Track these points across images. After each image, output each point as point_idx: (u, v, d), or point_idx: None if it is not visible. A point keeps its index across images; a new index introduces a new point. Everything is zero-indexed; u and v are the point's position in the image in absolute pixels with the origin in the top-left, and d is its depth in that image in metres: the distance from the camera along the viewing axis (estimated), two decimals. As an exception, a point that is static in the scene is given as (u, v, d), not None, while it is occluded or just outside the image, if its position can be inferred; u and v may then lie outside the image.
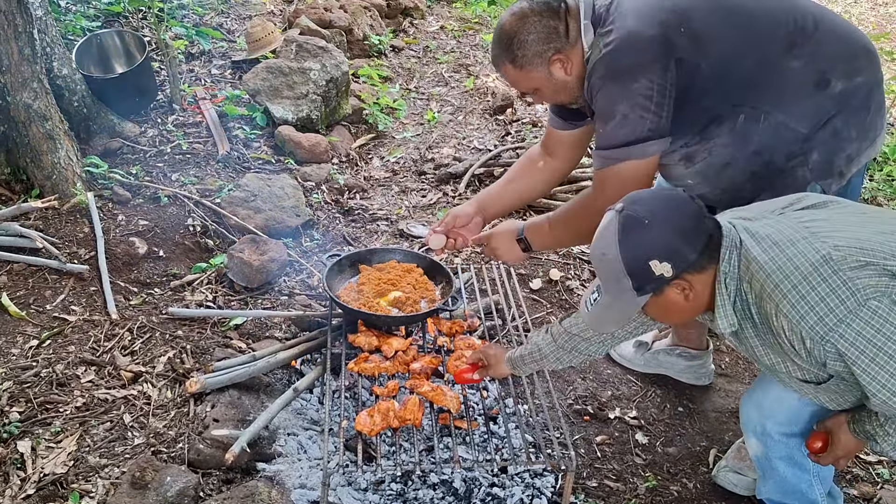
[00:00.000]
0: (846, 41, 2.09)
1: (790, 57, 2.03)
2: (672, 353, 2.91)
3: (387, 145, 4.73)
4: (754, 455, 2.14)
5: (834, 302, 1.52)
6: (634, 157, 2.06)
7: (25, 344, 2.74)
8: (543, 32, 2.11)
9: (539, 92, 2.25)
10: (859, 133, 2.07)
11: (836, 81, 2.03)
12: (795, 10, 2.07)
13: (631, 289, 1.68)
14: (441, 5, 7.46)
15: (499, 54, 2.20)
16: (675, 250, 1.63)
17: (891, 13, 8.67)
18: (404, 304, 2.70)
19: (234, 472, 2.34)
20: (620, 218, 1.67)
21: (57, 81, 3.74)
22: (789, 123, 2.04)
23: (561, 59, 2.13)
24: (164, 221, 3.50)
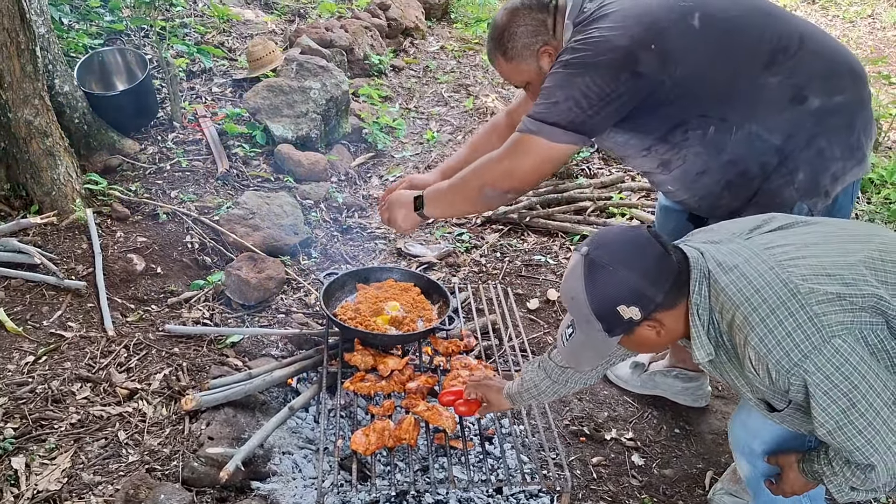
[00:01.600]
0: (829, 60, 2.10)
1: (768, 73, 2.04)
2: (669, 375, 2.91)
3: (386, 164, 4.75)
4: (745, 476, 2.13)
5: (800, 337, 1.54)
6: (544, 135, 2.09)
7: (21, 360, 2.73)
8: (532, 25, 2.19)
9: (531, 85, 2.30)
10: (844, 152, 2.08)
11: (813, 98, 2.04)
12: (784, 27, 2.09)
13: (601, 330, 1.69)
14: (441, 26, 7.52)
15: (491, 48, 2.28)
16: (641, 294, 1.64)
17: (889, 37, 8.73)
18: (401, 324, 2.70)
19: (229, 490, 2.33)
20: (585, 262, 1.68)
21: (58, 98, 3.76)
22: (762, 135, 2.06)
23: (549, 52, 2.20)
24: (162, 238, 3.51)
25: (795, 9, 9.57)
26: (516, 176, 2.19)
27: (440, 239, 3.95)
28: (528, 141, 2.12)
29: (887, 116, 5.37)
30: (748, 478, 2.10)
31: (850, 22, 9.28)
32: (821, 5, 9.86)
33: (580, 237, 3.97)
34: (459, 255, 3.79)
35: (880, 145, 5.31)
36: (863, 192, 4.69)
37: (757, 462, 2.03)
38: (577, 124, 2.06)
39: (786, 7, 9.12)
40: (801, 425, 1.78)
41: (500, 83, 6.19)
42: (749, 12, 2.11)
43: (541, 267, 3.74)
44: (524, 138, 2.14)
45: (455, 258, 3.76)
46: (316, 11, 6.31)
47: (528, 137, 2.12)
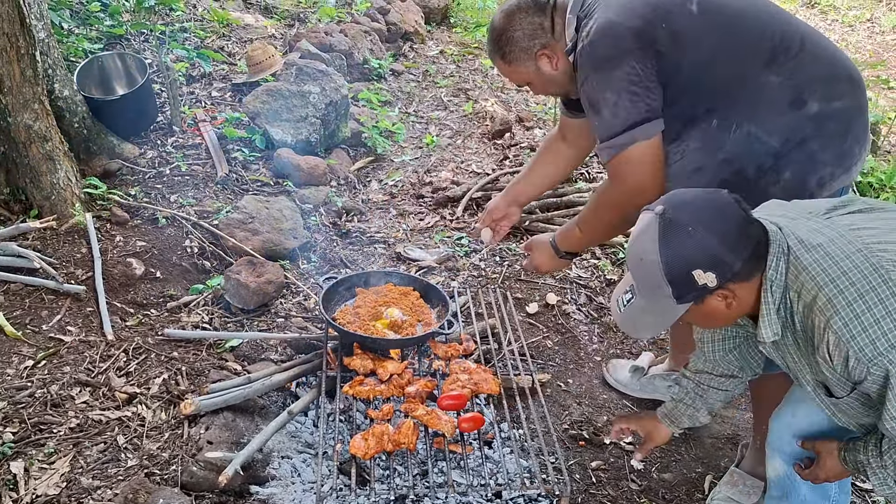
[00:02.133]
0: (829, 65, 2.10)
1: (769, 72, 2.04)
2: (668, 379, 2.91)
3: (385, 168, 4.76)
4: (776, 475, 2.07)
5: (889, 326, 1.48)
6: (639, 138, 2.07)
7: (21, 364, 2.73)
8: (529, 29, 2.21)
9: (531, 85, 2.36)
10: (834, 158, 2.07)
11: (812, 102, 2.04)
12: (786, 27, 2.09)
13: (670, 296, 1.61)
14: (441, 30, 7.53)
15: (491, 50, 2.32)
16: (720, 259, 1.56)
17: (888, 41, 8.74)
18: (400, 328, 2.70)
19: (228, 494, 2.33)
20: (661, 222, 1.60)
21: (58, 103, 3.76)
22: (761, 136, 2.05)
23: (547, 54, 2.23)
24: (161, 243, 3.51)
25: (795, 13, 9.59)
26: (646, 191, 2.12)
27: (439, 243, 3.95)
28: (629, 156, 2.10)
29: (886, 121, 5.38)
30: (780, 477, 2.05)
31: (849, 26, 9.30)
32: (820, 9, 9.88)
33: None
34: (459, 260, 3.79)
35: (879, 149, 5.32)
36: (862, 196, 4.69)
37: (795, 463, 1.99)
38: (652, 108, 2.05)
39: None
40: (853, 415, 1.72)
41: (499, 87, 6.21)
42: (750, 7, 2.12)
43: (540, 271, 3.74)
44: (621, 158, 2.12)
45: (454, 262, 3.76)
46: (315, 16, 6.32)
47: (626, 154, 2.10)
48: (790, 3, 9.89)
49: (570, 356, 3.19)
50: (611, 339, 3.30)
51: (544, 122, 5.47)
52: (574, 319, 3.41)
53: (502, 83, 6.32)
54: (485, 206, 2.81)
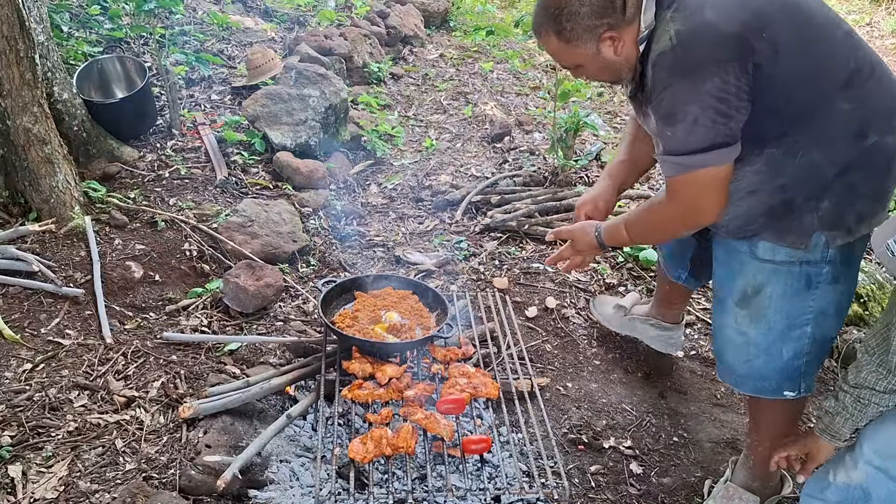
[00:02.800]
0: (893, 96, 1.98)
1: (843, 97, 1.89)
2: (646, 322, 3.11)
3: (384, 172, 4.76)
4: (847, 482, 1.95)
5: None
6: (712, 164, 1.87)
7: (19, 367, 2.73)
8: (599, 6, 1.88)
9: (581, 69, 2.05)
10: (874, 193, 1.97)
11: (872, 135, 1.92)
12: (858, 51, 1.95)
13: None
14: (440, 34, 7.55)
15: (543, 22, 1.96)
16: None
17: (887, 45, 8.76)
18: (399, 331, 2.70)
19: (226, 498, 2.32)
20: None
21: (57, 106, 3.77)
22: (822, 166, 1.92)
23: (613, 36, 1.92)
24: (160, 246, 3.51)
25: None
26: (704, 213, 1.99)
27: (438, 247, 3.95)
28: (698, 177, 1.90)
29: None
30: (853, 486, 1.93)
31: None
32: (819, 14, 9.88)
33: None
34: (458, 263, 3.79)
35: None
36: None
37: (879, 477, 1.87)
38: (733, 134, 1.85)
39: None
40: None
41: (499, 91, 6.21)
42: (830, 23, 1.94)
43: (539, 275, 3.74)
44: (684, 179, 1.93)
45: (453, 266, 3.76)
46: (315, 19, 6.33)
47: (693, 175, 1.90)
48: (789, 7, 9.89)
49: (569, 360, 3.18)
50: (610, 343, 3.30)
51: (543, 126, 5.48)
52: (573, 323, 3.41)
53: (502, 87, 6.33)
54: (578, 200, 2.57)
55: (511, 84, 6.41)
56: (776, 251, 2.03)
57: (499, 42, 7.29)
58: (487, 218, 4.17)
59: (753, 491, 2.44)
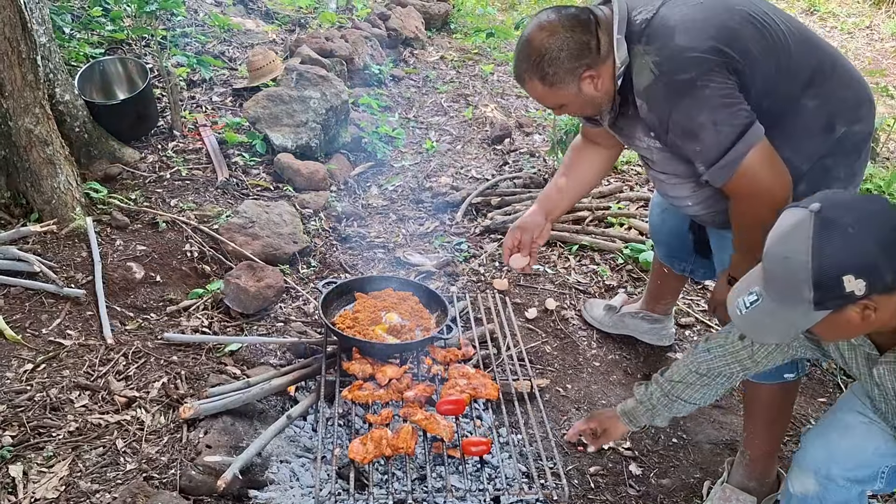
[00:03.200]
0: (855, 89, 2.09)
1: (808, 95, 2.01)
2: (636, 317, 3.23)
3: (385, 173, 4.76)
4: (804, 492, 2.01)
5: None
6: (753, 143, 1.92)
7: (20, 368, 2.73)
8: (575, 49, 2.01)
9: (565, 107, 2.18)
10: (846, 175, 2.09)
11: (839, 127, 2.03)
12: (819, 49, 2.07)
13: (809, 301, 1.49)
14: (441, 36, 7.56)
15: (526, 69, 2.08)
16: (875, 267, 1.44)
17: (887, 48, 8.77)
18: (399, 332, 2.71)
19: (226, 499, 2.33)
20: (817, 220, 1.47)
21: (59, 107, 3.78)
22: (794, 161, 2.01)
23: (591, 75, 2.05)
24: (161, 247, 3.51)
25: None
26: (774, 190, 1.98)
27: (439, 248, 3.96)
28: (750, 162, 1.94)
29: (885, 128, 5.39)
30: (808, 496, 1.99)
31: (848, 33, 9.33)
32: (819, 16, 9.91)
33: (578, 247, 3.98)
34: (458, 265, 3.79)
35: (878, 156, 5.33)
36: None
37: (830, 486, 1.93)
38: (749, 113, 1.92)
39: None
40: None
41: (499, 93, 6.22)
42: (790, 28, 2.05)
43: (539, 276, 3.75)
44: (741, 170, 1.95)
45: (454, 267, 3.76)
46: (316, 21, 6.34)
47: (744, 164, 1.94)
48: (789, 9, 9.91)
49: (568, 361, 3.19)
50: (609, 344, 3.30)
51: (543, 128, 5.48)
52: (573, 325, 3.41)
53: (502, 89, 6.34)
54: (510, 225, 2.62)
55: (511, 86, 6.42)
56: None
57: (499, 44, 7.30)
58: (488, 219, 4.18)
59: (750, 491, 2.45)
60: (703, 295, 3.71)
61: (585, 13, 2.04)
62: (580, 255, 3.96)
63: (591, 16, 2.04)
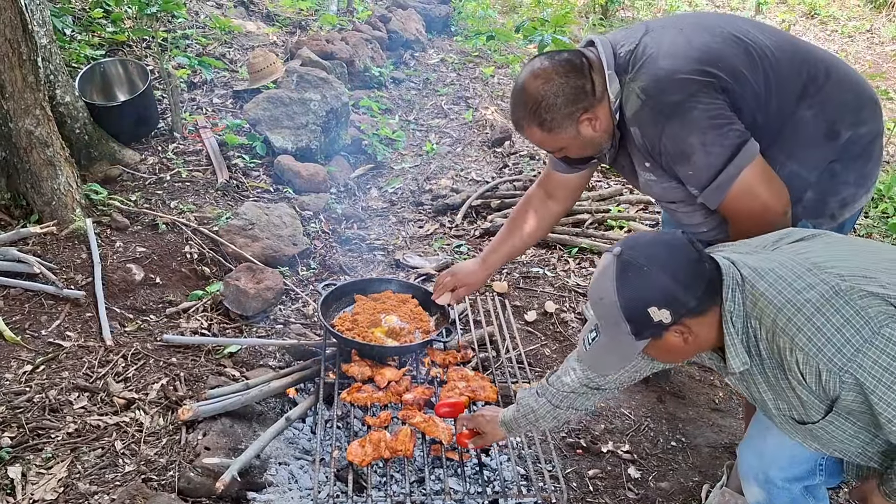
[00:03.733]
0: (855, 91, 2.08)
1: (804, 105, 2.00)
2: None
3: (385, 176, 4.77)
4: (755, 500, 2.08)
5: (850, 332, 1.51)
6: (744, 164, 1.92)
7: (19, 369, 2.73)
8: (572, 94, 2.01)
9: (565, 150, 2.16)
10: (857, 179, 2.06)
11: (844, 132, 2.02)
12: (810, 58, 2.05)
13: (629, 333, 1.66)
14: (442, 38, 7.56)
15: (524, 116, 2.08)
16: (673, 297, 1.61)
17: (887, 52, 8.78)
18: (399, 335, 2.71)
19: (225, 500, 2.33)
20: (618, 263, 1.64)
21: (59, 108, 3.78)
22: (801, 173, 2.02)
23: (589, 117, 2.04)
24: (161, 249, 3.52)
25: (795, 23, 9.63)
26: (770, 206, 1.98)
27: (438, 250, 3.96)
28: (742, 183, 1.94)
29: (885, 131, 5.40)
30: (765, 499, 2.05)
31: (848, 37, 9.34)
32: (819, 20, 9.92)
33: (578, 249, 3.98)
34: (458, 267, 3.79)
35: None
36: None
37: (772, 489, 2.00)
38: (741, 132, 1.92)
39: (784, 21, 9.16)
40: (828, 441, 1.74)
41: (499, 96, 6.23)
42: (776, 42, 2.05)
43: (539, 279, 3.75)
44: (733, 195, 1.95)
45: (453, 270, 3.76)
46: (317, 24, 6.35)
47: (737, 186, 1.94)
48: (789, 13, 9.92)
49: (568, 364, 3.19)
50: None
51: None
52: (572, 328, 3.41)
53: (502, 91, 6.34)
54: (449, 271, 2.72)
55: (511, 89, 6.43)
56: None
57: (499, 47, 7.31)
58: (487, 222, 4.18)
59: None
60: None
61: (578, 57, 2.05)
62: (580, 258, 3.96)
63: (584, 59, 2.05)
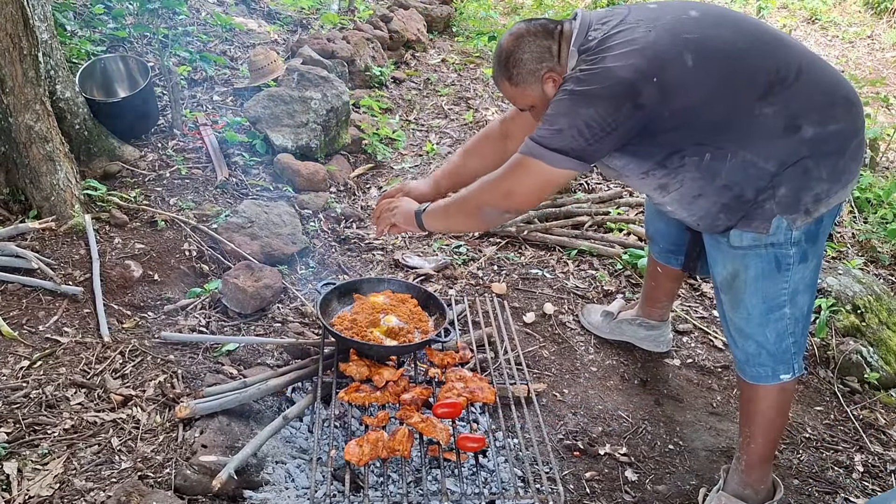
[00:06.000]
0: (825, 91, 2.13)
1: (764, 104, 2.07)
2: (634, 323, 3.27)
3: (385, 175, 4.76)
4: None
5: None
6: (546, 160, 2.12)
7: (16, 364, 2.73)
8: (537, 52, 2.22)
9: (535, 109, 2.34)
10: (830, 175, 2.11)
11: (807, 127, 2.07)
12: (784, 57, 2.11)
13: None
14: (443, 39, 7.56)
15: (497, 72, 2.33)
16: None
17: (888, 58, 8.78)
18: (397, 335, 2.71)
19: (221, 499, 2.32)
20: None
21: (59, 104, 3.77)
22: (757, 162, 2.09)
23: (553, 77, 2.22)
24: (160, 245, 3.51)
25: (795, 28, 9.64)
26: (516, 197, 2.25)
27: (437, 251, 3.95)
28: (530, 163, 2.16)
29: (885, 137, 5.40)
30: None
31: (849, 43, 9.35)
32: (820, 25, 9.93)
33: (577, 252, 3.98)
34: (456, 268, 3.79)
35: (878, 165, 5.34)
36: (860, 212, 4.71)
37: None
38: (578, 151, 2.09)
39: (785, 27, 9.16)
40: None
41: (500, 97, 6.22)
42: (752, 43, 2.13)
43: (538, 281, 3.75)
44: (525, 160, 2.17)
45: (452, 270, 3.76)
46: (318, 22, 6.34)
47: (530, 160, 2.15)
48: (790, 18, 9.93)
49: (566, 366, 3.19)
50: (607, 349, 3.30)
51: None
52: (571, 329, 3.41)
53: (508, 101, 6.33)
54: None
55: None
56: (743, 237, 2.20)
57: (501, 47, 7.29)
58: (487, 223, 4.17)
59: (745, 499, 2.46)
60: (700, 301, 3.71)
61: (553, 24, 2.25)
62: (578, 261, 3.96)
63: (558, 26, 2.24)
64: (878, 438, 3.02)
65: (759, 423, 2.44)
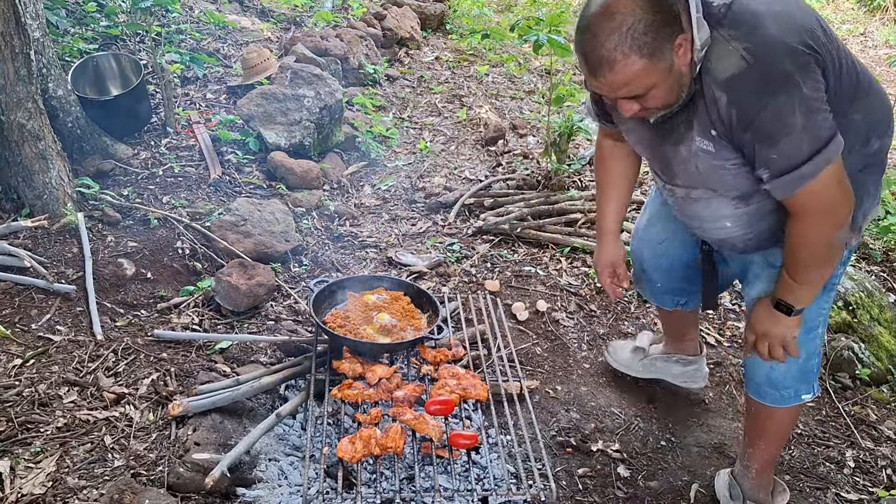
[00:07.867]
0: (884, 102, 2.01)
1: (852, 109, 1.89)
2: (669, 360, 2.99)
3: (378, 173, 4.76)
4: None
5: None
6: (832, 157, 1.77)
7: (9, 363, 2.72)
8: (667, 11, 1.71)
9: (653, 90, 1.80)
10: (875, 190, 2.01)
11: (875, 140, 1.96)
12: (857, 65, 1.95)
13: None
14: (436, 37, 7.55)
15: (618, 45, 1.69)
16: None
17: (880, 55, 8.80)
18: (390, 332, 2.71)
19: (214, 496, 2.33)
20: None
21: (52, 102, 3.77)
22: None
23: (683, 44, 1.74)
24: (153, 244, 3.51)
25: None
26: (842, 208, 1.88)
27: (431, 249, 3.96)
28: (813, 187, 1.80)
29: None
30: None
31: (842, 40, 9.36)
32: (813, 23, 9.93)
33: (570, 249, 3.99)
34: (450, 265, 3.80)
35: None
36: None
37: None
38: (832, 126, 1.77)
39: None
40: None
41: (493, 94, 6.22)
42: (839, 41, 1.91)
43: (531, 278, 3.75)
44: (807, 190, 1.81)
45: (445, 268, 3.77)
46: (312, 20, 6.34)
47: (811, 186, 1.79)
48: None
49: (558, 363, 3.20)
50: (599, 347, 3.31)
51: (537, 130, 5.49)
52: (564, 327, 3.42)
53: (497, 90, 6.34)
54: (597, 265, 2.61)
55: (506, 88, 6.43)
56: None
57: (494, 46, 7.30)
58: (480, 220, 4.18)
59: (761, 503, 2.47)
60: (716, 326, 3.62)
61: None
62: (571, 258, 3.96)
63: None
64: (870, 434, 3.03)
65: (773, 437, 2.42)
